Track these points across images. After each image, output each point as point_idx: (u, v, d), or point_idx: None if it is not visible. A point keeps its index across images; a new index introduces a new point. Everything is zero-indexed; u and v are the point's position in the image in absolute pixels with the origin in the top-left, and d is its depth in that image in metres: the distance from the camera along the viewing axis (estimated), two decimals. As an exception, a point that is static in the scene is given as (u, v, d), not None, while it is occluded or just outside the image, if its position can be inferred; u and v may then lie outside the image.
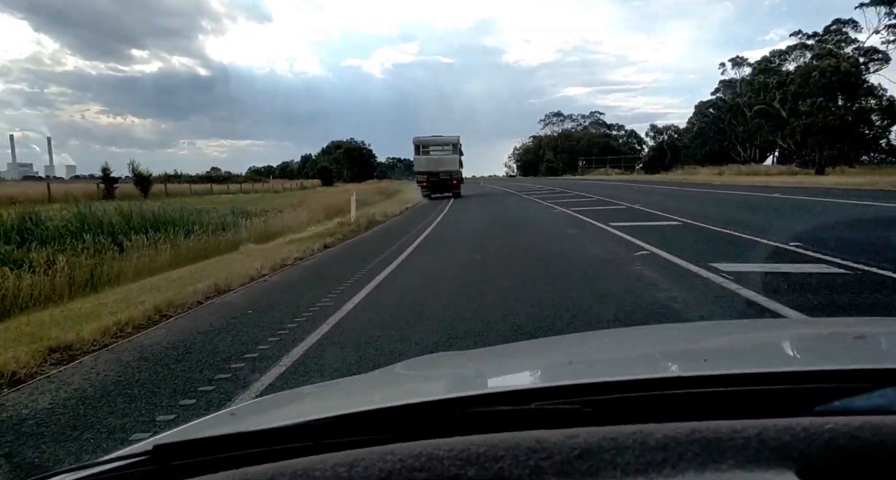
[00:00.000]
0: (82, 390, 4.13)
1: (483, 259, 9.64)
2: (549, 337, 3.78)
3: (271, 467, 0.72)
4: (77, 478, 0.83)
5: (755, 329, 2.01)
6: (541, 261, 8.96)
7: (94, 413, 3.69)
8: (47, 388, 4.20)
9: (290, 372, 4.23)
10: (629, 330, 2.78)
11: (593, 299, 6.04)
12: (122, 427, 3.43)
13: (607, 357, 1.48)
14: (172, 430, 1.28)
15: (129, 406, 3.77)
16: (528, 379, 1.39)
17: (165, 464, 0.79)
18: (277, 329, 5.48)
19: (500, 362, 1.60)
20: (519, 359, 1.59)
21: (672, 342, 1.59)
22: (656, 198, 23.80)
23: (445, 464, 0.69)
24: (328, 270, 9.38)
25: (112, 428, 3.43)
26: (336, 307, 6.30)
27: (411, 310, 6.02)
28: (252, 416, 1.32)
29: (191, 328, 5.77)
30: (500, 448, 0.70)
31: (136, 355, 4.93)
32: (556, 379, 1.15)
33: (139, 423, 3.47)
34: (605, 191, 31.47)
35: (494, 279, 7.43)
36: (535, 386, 1.09)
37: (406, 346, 4.68)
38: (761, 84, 58.68)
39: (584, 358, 1.46)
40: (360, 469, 0.69)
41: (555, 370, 1.37)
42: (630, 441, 0.70)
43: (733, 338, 1.62)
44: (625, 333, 2.25)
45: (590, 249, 9.92)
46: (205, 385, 4.08)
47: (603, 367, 1.33)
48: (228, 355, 4.75)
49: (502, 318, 5.41)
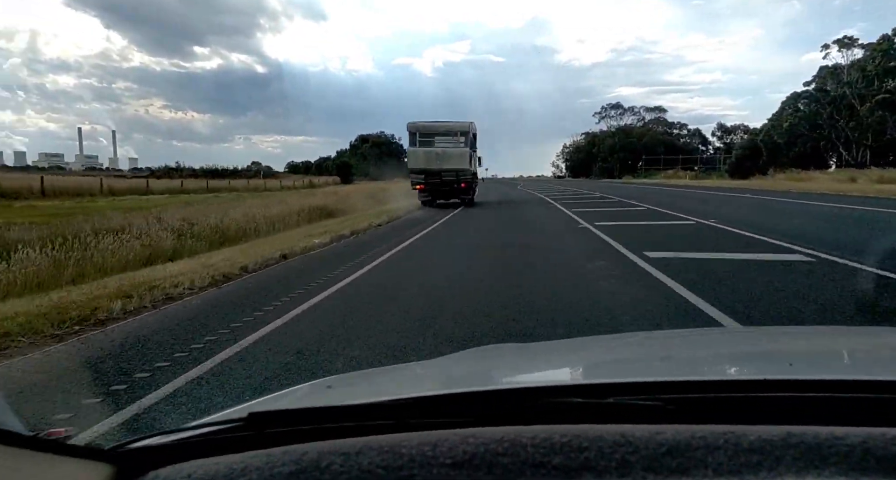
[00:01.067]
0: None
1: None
2: (613, 335, 3.65)
3: (359, 441, 0.77)
4: (176, 439, 0.86)
5: (833, 334, 1.97)
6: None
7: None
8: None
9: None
10: (703, 332, 2.93)
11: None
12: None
13: (680, 356, 1.45)
14: (264, 398, 1.39)
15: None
16: (600, 375, 1.31)
17: (259, 431, 0.83)
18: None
19: (566, 356, 1.59)
20: (584, 354, 1.59)
21: (748, 344, 1.58)
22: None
23: (529, 451, 0.71)
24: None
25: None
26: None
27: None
28: (339, 391, 1.36)
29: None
30: (583, 439, 0.72)
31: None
32: (630, 375, 1.15)
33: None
34: (744, 215, 16.08)
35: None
36: (614, 380, 1.02)
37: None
38: (884, 68, 45.80)
39: (653, 356, 1.48)
40: (443, 449, 0.73)
41: (625, 366, 1.39)
42: (721, 442, 0.70)
43: (812, 343, 1.57)
44: (697, 334, 2.33)
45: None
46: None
47: (680, 366, 1.31)
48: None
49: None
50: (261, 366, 4.28)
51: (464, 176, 24.07)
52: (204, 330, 5.35)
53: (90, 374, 4.23)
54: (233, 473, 0.74)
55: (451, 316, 5.53)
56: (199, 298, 6.79)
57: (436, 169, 23.83)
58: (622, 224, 14.23)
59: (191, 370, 4.23)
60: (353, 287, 7.30)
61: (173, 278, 7.47)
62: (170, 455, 0.81)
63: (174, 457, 0.81)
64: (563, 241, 11.43)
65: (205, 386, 3.92)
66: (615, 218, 16.16)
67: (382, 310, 5.89)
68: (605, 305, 5.82)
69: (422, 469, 0.70)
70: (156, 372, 4.21)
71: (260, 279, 8.13)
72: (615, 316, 5.43)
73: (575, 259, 9.10)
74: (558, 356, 1.60)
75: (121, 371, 4.25)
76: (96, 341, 5.10)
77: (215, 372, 4.19)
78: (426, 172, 23.95)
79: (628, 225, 14.07)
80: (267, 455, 0.76)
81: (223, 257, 9.71)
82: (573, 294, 6.42)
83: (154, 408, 3.55)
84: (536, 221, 16.79)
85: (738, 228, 12.30)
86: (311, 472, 0.72)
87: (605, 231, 12.56)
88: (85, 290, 6.92)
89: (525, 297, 6.20)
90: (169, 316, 6.00)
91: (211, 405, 3.54)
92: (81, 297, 6.41)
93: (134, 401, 3.64)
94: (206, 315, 5.96)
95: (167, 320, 5.80)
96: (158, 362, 4.42)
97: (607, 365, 1.43)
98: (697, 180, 58.29)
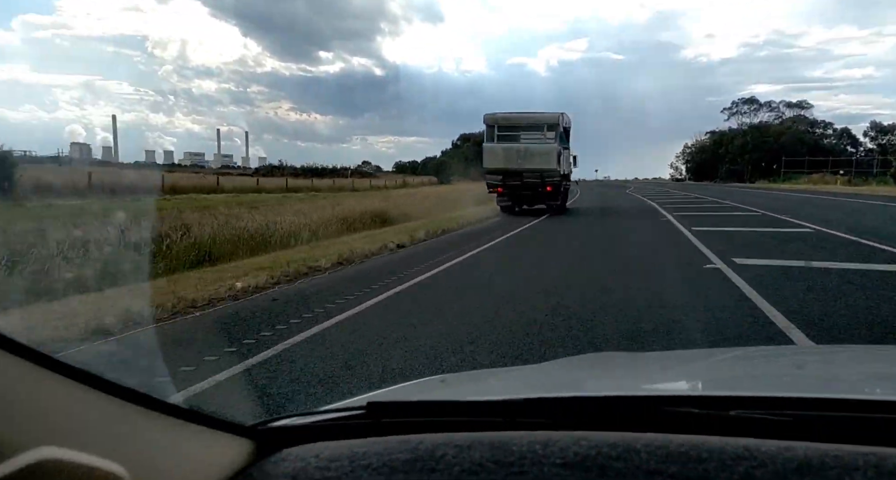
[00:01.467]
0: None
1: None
2: (733, 348, 3.62)
3: (470, 436, 0.79)
4: (304, 423, 0.93)
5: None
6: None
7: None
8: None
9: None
10: (833, 349, 2.85)
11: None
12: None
13: (807, 372, 1.40)
14: (383, 390, 1.44)
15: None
16: (719, 387, 1.27)
17: (377, 420, 0.88)
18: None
19: (680, 367, 1.56)
20: (698, 366, 1.56)
21: (884, 363, 1.51)
22: None
23: (644, 457, 0.70)
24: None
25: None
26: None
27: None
28: (450, 388, 1.40)
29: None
30: (703, 450, 0.70)
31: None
32: (752, 389, 1.12)
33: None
34: None
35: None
36: (735, 393, 0.98)
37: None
38: None
39: (775, 372, 1.44)
40: (554, 449, 0.73)
41: (746, 380, 1.34)
42: (860, 462, 0.67)
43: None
44: (827, 352, 2.25)
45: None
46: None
47: (809, 382, 1.28)
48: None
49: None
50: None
51: (550, 177, 19.07)
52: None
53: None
54: (354, 456, 0.78)
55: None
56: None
57: (516, 168, 19.04)
58: (791, 265, 8.71)
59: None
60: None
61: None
62: (300, 435, 0.88)
63: (303, 438, 0.87)
64: (685, 312, 6.25)
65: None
66: (775, 253, 10.55)
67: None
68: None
69: (532, 466, 0.71)
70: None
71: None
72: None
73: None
74: (672, 366, 1.57)
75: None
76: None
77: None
78: (505, 173, 19.25)
79: (805, 269, 8.53)
80: (385, 442, 0.81)
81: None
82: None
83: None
84: (637, 250, 11.51)
85: None
86: (426, 461, 0.75)
87: (763, 281, 7.20)
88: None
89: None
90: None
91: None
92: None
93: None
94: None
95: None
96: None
97: (725, 378, 1.39)
98: (853, 187, 48.23)
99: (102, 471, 0.59)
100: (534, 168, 18.87)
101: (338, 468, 0.76)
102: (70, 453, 0.57)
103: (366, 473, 0.74)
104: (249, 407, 3.57)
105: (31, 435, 0.55)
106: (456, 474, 0.71)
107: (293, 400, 3.69)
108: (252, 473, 0.79)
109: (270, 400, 3.69)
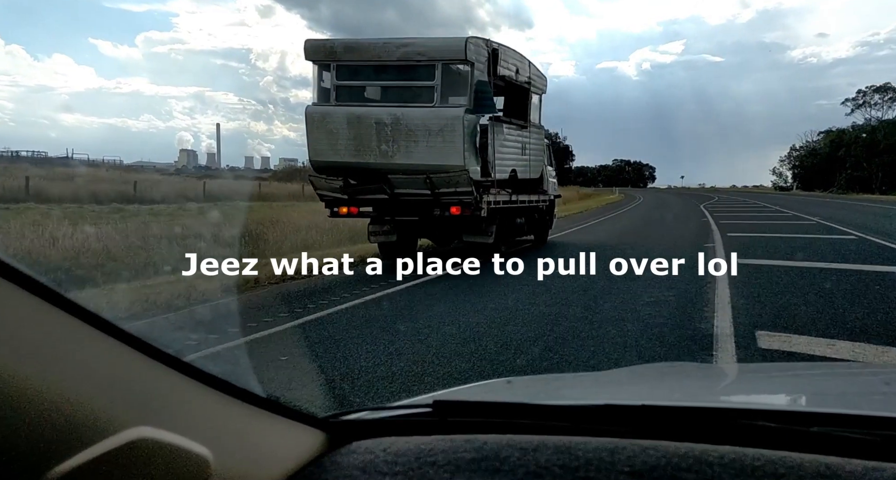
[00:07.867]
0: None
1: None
2: (809, 363, 3.64)
3: (535, 438, 0.78)
4: (374, 417, 0.94)
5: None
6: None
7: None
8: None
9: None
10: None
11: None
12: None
13: (891, 391, 1.30)
14: (450, 389, 1.45)
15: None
16: (796, 402, 1.23)
17: (442, 418, 0.89)
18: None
19: (755, 381, 1.51)
20: (773, 380, 1.50)
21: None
22: None
23: (716, 470, 0.68)
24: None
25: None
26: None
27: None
28: (517, 390, 1.39)
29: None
30: (780, 466, 0.68)
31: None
32: (835, 406, 1.05)
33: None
34: None
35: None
36: (817, 410, 0.96)
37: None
38: None
39: (858, 390, 1.35)
40: (622, 457, 0.71)
41: (828, 397, 1.27)
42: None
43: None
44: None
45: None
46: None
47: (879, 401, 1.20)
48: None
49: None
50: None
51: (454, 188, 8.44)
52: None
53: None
54: (421, 452, 0.79)
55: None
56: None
57: (375, 165, 8.63)
58: None
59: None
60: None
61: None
62: (369, 429, 0.89)
63: (372, 432, 0.88)
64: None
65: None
66: None
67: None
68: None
69: (598, 473, 0.70)
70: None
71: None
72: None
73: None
74: (748, 380, 1.52)
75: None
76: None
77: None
78: (348, 171, 8.85)
79: None
80: (451, 440, 0.81)
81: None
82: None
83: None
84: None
85: None
86: (491, 461, 0.74)
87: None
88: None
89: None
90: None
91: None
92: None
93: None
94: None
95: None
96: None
97: (806, 393, 1.32)
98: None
99: (190, 452, 0.63)
100: (414, 165, 8.40)
101: (405, 463, 0.77)
102: (163, 433, 0.60)
103: (431, 469, 0.75)
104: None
105: (130, 416, 0.59)
106: (520, 476, 0.72)
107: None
108: (324, 463, 0.81)
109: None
